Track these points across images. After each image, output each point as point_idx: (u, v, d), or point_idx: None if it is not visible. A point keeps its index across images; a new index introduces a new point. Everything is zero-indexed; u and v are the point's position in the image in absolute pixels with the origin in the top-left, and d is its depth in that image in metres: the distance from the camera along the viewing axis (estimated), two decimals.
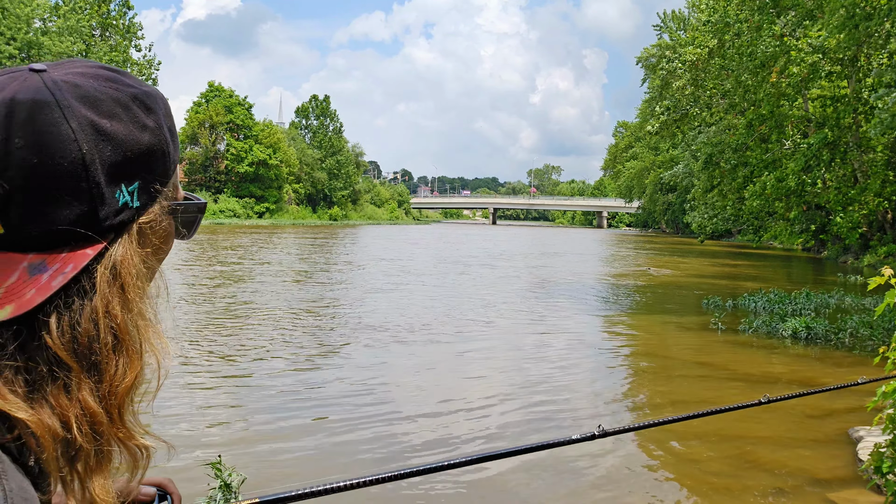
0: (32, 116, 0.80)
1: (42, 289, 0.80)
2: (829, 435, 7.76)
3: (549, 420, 8.14)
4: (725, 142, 31.51)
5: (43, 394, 0.82)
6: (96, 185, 0.83)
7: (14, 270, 0.81)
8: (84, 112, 0.83)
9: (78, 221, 0.83)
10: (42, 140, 0.80)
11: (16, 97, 0.81)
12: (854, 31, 21.88)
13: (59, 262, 0.83)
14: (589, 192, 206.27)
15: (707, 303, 18.51)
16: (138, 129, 0.87)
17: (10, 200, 0.80)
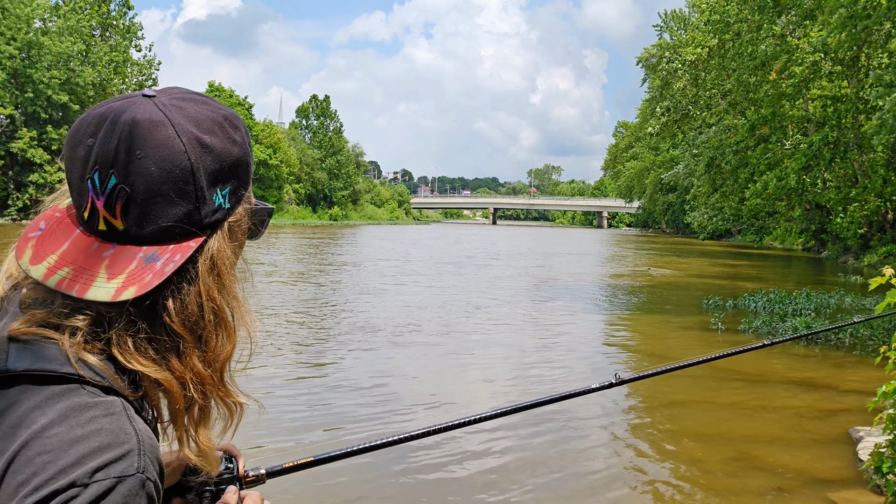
0: (151, 133, 0.99)
1: (157, 274, 0.99)
2: (830, 435, 7.75)
3: (550, 420, 8.13)
4: (726, 143, 31.49)
5: (166, 359, 1.03)
6: (200, 190, 1.02)
7: (133, 259, 0.99)
8: (191, 129, 1.01)
9: (184, 219, 1.01)
10: (159, 152, 0.98)
11: (136, 117, 0.99)
12: (854, 30, 21.86)
13: (169, 252, 1.01)
14: (589, 192, 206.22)
15: (707, 303, 18.49)
16: (230, 144, 1.06)
17: (131, 202, 0.98)
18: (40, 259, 1.00)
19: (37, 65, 58.19)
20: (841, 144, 26.83)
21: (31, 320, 0.99)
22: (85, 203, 1.00)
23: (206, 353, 1.07)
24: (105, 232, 1.00)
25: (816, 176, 27.27)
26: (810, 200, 28.51)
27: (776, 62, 26.78)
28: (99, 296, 0.96)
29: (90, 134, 1.00)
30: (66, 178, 1.05)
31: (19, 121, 58.80)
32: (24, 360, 0.94)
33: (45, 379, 0.93)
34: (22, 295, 1.03)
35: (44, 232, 1.05)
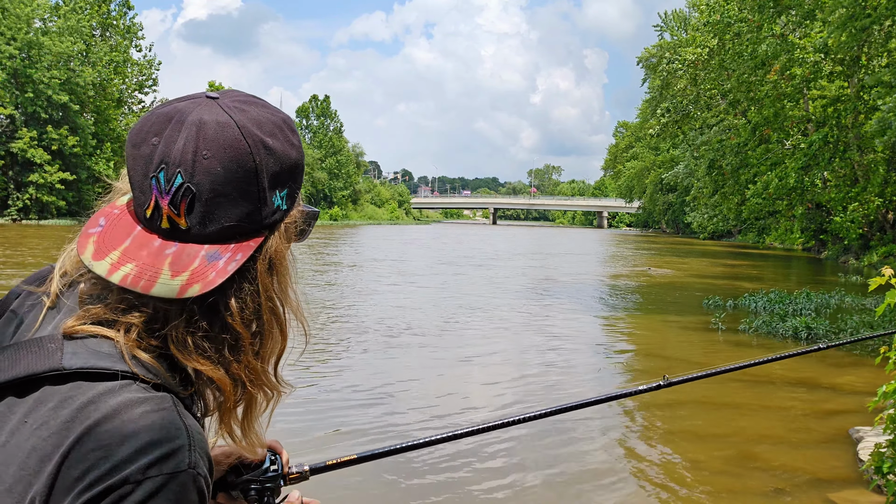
0: (218, 134, 1.01)
1: (220, 272, 1.01)
2: (830, 435, 7.75)
3: (550, 420, 8.12)
4: (727, 144, 31.48)
5: (221, 356, 1.05)
6: (262, 190, 1.04)
7: (195, 258, 1.01)
8: (255, 131, 1.03)
9: (245, 219, 1.04)
10: (226, 153, 1.01)
11: (202, 118, 1.01)
12: (854, 30, 21.84)
13: (230, 251, 1.03)
14: (589, 192, 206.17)
15: (707, 303, 18.48)
16: (289, 147, 1.09)
17: (196, 201, 1.00)
18: (103, 255, 1.02)
19: (37, 65, 58.18)
20: (841, 144, 26.81)
21: (85, 317, 1.01)
22: (148, 201, 1.02)
23: (262, 350, 1.10)
24: (167, 230, 1.02)
25: (816, 175, 27.25)
26: (811, 200, 28.48)
27: (776, 62, 26.77)
28: (164, 292, 0.98)
29: (155, 132, 1.02)
30: (128, 175, 1.06)
31: (19, 121, 58.79)
32: (79, 357, 0.97)
33: (99, 376, 0.96)
34: (80, 290, 1.05)
35: (104, 228, 1.06)
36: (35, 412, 0.94)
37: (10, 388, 0.97)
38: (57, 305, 1.06)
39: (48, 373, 0.96)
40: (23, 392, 0.96)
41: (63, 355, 0.97)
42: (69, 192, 61.27)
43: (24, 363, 0.98)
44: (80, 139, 61.02)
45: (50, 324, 1.05)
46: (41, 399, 0.95)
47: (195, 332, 1.03)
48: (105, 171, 63.45)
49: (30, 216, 59.31)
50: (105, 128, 66.30)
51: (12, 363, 0.98)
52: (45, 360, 0.97)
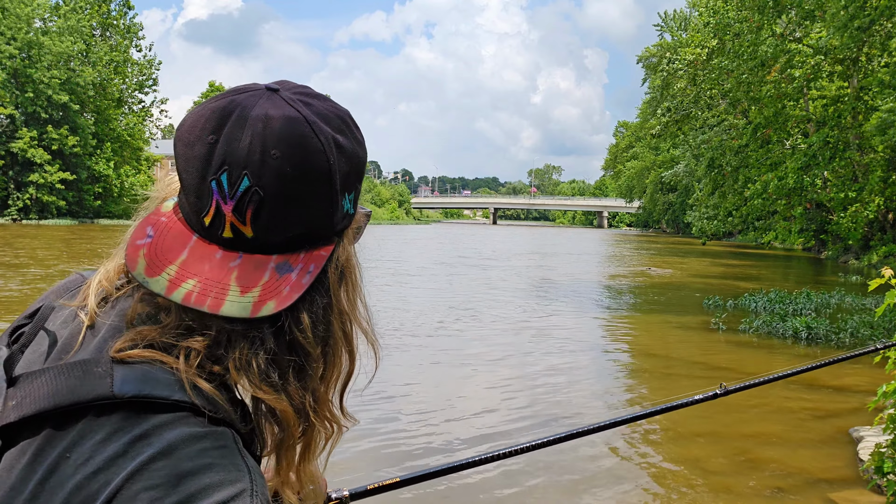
0: (287, 131, 0.89)
1: (295, 286, 0.91)
2: (830, 435, 7.74)
3: (550, 420, 8.12)
4: (727, 144, 31.49)
5: (286, 384, 0.94)
6: (335, 193, 0.93)
7: (265, 270, 0.90)
8: (325, 127, 0.92)
9: (317, 226, 0.93)
10: (297, 152, 0.89)
11: (269, 113, 0.89)
12: (855, 31, 21.86)
13: (301, 262, 0.93)
14: (589, 192, 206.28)
15: (708, 303, 18.46)
16: (357, 145, 0.98)
17: (263, 206, 0.88)
18: (158, 270, 0.90)
19: (37, 64, 58.28)
20: (840, 144, 26.81)
21: (137, 339, 0.89)
22: (207, 207, 0.90)
23: (326, 374, 0.99)
24: (230, 239, 0.91)
25: (816, 175, 27.25)
26: (810, 200, 28.49)
27: (776, 62, 26.77)
28: (235, 311, 0.87)
29: (211, 130, 0.89)
30: (181, 179, 0.93)
31: (19, 121, 58.88)
32: (131, 384, 0.84)
33: (153, 406, 0.84)
34: (129, 310, 0.93)
35: (154, 239, 0.94)
36: (79, 445, 0.82)
37: (49, 419, 0.84)
38: (96, 324, 0.94)
39: (96, 401, 0.83)
40: (63, 423, 0.84)
41: (113, 382, 0.84)
42: (69, 191, 61.36)
43: (68, 389, 0.84)
44: (80, 139, 61.12)
45: (90, 344, 0.92)
46: (86, 431, 0.82)
47: (259, 355, 0.92)
48: (105, 170, 63.63)
49: (30, 216, 59.36)
50: (105, 128, 66.39)
51: (53, 390, 0.85)
52: (92, 386, 0.84)
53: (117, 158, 67.14)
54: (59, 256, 26.91)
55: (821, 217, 34.02)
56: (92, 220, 62.99)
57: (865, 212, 26.40)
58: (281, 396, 0.93)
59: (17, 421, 0.85)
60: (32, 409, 0.85)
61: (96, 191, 64.39)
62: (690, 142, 42.11)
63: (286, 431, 0.97)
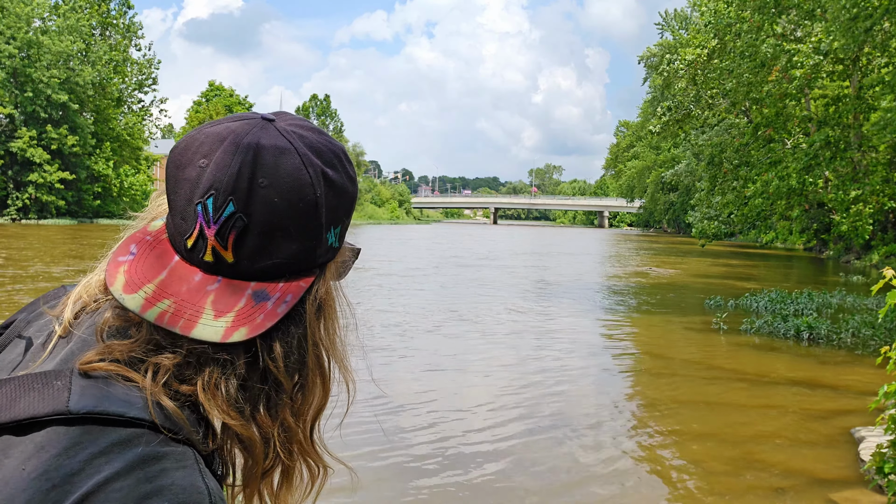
0: (277, 161, 0.89)
1: (269, 315, 0.90)
2: (831, 435, 7.74)
3: (550, 420, 8.11)
4: (727, 142, 31.45)
5: (254, 410, 0.94)
6: (320, 226, 0.93)
7: (241, 296, 0.90)
8: (315, 160, 0.93)
9: (298, 256, 0.93)
10: (285, 182, 0.89)
11: (260, 142, 0.90)
12: (857, 31, 21.82)
13: (279, 291, 0.92)
14: (590, 191, 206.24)
15: (709, 303, 18.47)
16: (347, 180, 0.98)
17: (246, 233, 0.89)
18: (136, 288, 0.90)
19: (36, 64, 58.30)
20: (842, 143, 26.77)
21: (105, 353, 0.89)
22: (190, 230, 0.90)
23: (301, 405, 0.99)
24: (210, 263, 0.91)
25: (818, 175, 27.22)
26: (811, 200, 28.46)
27: (776, 62, 26.74)
28: (206, 335, 0.87)
29: (203, 154, 0.90)
30: (168, 199, 0.94)
31: (19, 120, 58.88)
32: (88, 399, 0.83)
33: (112, 422, 0.82)
34: (100, 322, 0.92)
35: (136, 257, 0.94)
36: (35, 458, 0.79)
37: (7, 429, 0.82)
38: (69, 335, 0.93)
39: (52, 416, 0.82)
40: (22, 433, 0.82)
41: (70, 396, 0.83)
42: (68, 191, 61.38)
43: (25, 402, 0.84)
44: (79, 138, 61.12)
45: (59, 355, 0.91)
46: (44, 444, 0.80)
47: (229, 380, 0.91)
48: (104, 170, 63.67)
49: (29, 216, 59.39)
50: (104, 127, 66.40)
51: (11, 401, 0.84)
52: (49, 400, 0.83)
53: (116, 158, 67.13)
54: (40, 257, 26.89)
55: (822, 216, 34.01)
56: (91, 219, 62.99)
57: (869, 210, 26.35)
58: (248, 424, 0.93)
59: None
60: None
61: (95, 190, 64.38)
62: (692, 141, 42.09)
63: (253, 460, 0.96)
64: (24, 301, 14.72)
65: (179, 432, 0.85)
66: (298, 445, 1.00)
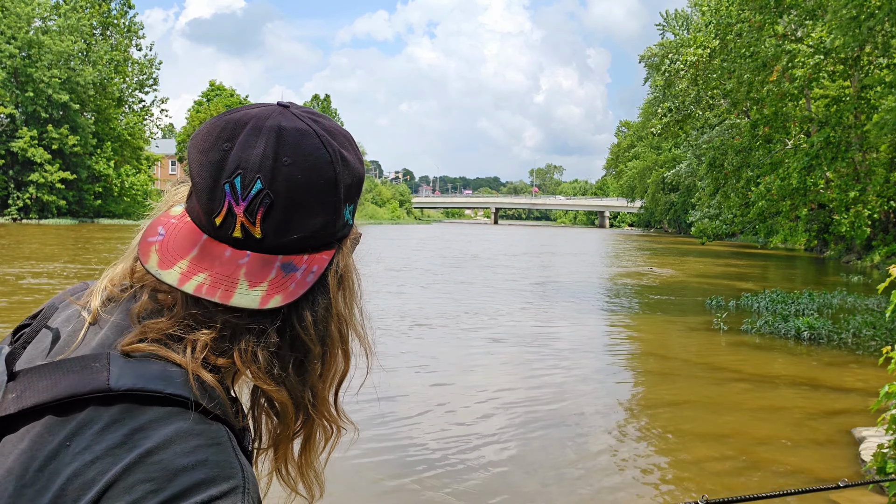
0: (298, 141, 0.96)
1: (300, 283, 0.96)
2: (832, 435, 7.75)
3: (551, 420, 8.12)
4: (728, 143, 31.44)
5: (286, 376, 1.00)
6: (339, 202, 1.01)
7: (271, 268, 0.96)
8: (332, 141, 1.00)
9: (320, 230, 0.99)
10: (307, 161, 0.96)
11: (282, 124, 0.97)
12: (858, 31, 21.82)
13: (305, 263, 0.99)
14: (591, 191, 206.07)
15: (710, 303, 18.48)
16: (358, 161, 1.05)
17: (272, 209, 0.95)
18: (170, 264, 0.96)
19: (37, 64, 58.34)
20: (843, 144, 26.76)
21: (145, 333, 0.94)
22: (218, 208, 0.96)
23: (327, 371, 1.04)
24: (239, 239, 0.96)
25: (819, 175, 27.21)
26: (812, 200, 28.44)
27: (777, 63, 26.74)
28: (244, 302, 0.93)
29: (226, 138, 0.96)
30: (193, 183, 0.99)
31: (20, 120, 58.95)
32: (127, 377, 0.88)
33: (150, 399, 0.88)
34: (136, 307, 0.98)
35: (165, 237, 1.00)
36: (79, 435, 0.85)
37: (50, 409, 0.88)
38: (98, 321, 0.98)
39: (93, 394, 0.87)
40: (64, 412, 0.88)
41: (110, 375, 0.89)
42: (69, 191, 61.43)
43: (66, 383, 0.89)
44: (80, 138, 61.18)
45: (93, 341, 0.96)
46: (86, 421, 0.86)
47: (264, 349, 0.97)
48: (105, 170, 63.70)
49: (30, 215, 59.44)
50: (105, 127, 66.46)
51: (52, 382, 0.90)
52: (89, 379, 0.88)
53: (117, 158, 67.15)
54: (29, 256, 26.91)
55: (823, 217, 33.98)
56: (92, 219, 63.01)
57: (868, 212, 26.35)
58: (281, 389, 0.99)
59: (16, 412, 0.89)
60: (31, 401, 0.89)
61: (96, 190, 64.39)
62: (692, 142, 42.07)
63: (284, 423, 1.02)
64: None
65: (215, 407, 0.90)
66: (323, 408, 1.06)
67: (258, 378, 0.97)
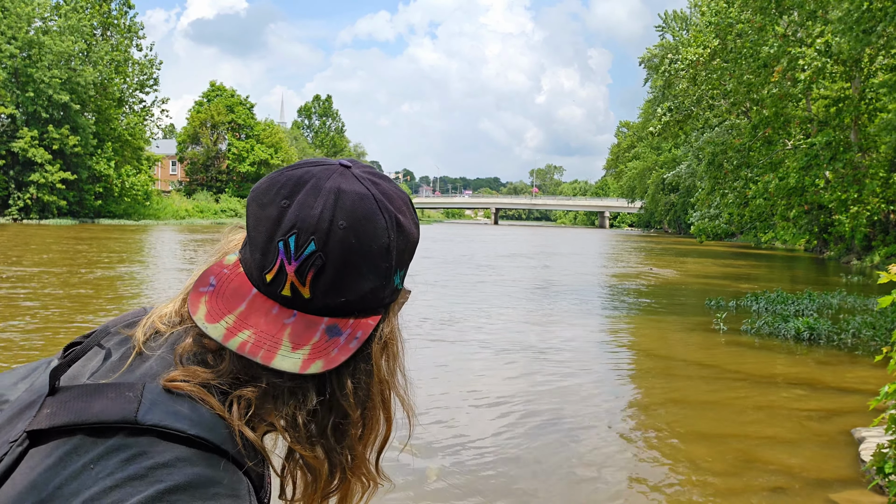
0: (356, 205, 0.96)
1: (343, 350, 0.96)
2: (832, 435, 7.75)
3: (550, 419, 8.14)
4: (728, 143, 31.50)
5: (324, 439, 1.01)
6: (390, 268, 1.00)
7: (316, 331, 0.96)
8: (389, 206, 0.99)
9: (368, 296, 0.99)
10: (362, 226, 0.96)
11: (341, 187, 0.97)
12: (861, 33, 21.86)
13: (350, 327, 0.98)
14: (591, 192, 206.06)
15: (710, 303, 18.49)
16: (413, 225, 1.05)
17: (323, 270, 0.95)
18: (218, 318, 0.96)
19: (38, 64, 58.35)
20: (842, 144, 26.82)
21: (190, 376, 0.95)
22: (270, 265, 0.96)
23: (367, 434, 1.05)
24: (288, 297, 0.97)
25: (817, 175, 27.27)
26: (810, 202, 28.48)
27: (778, 63, 26.78)
28: (285, 366, 0.93)
29: (285, 195, 0.97)
30: (249, 237, 1.01)
31: (20, 120, 58.96)
32: (155, 413, 0.89)
33: (175, 437, 0.88)
34: (180, 346, 0.98)
35: (216, 289, 1.00)
36: (105, 460, 0.85)
37: (82, 430, 0.89)
38: (143, 352, 0.99)
39: (120, 423, 0.88)
40: (95, 435, 0.88)
41: (140, 407, 0.89)
42: (70, 191, 61.47)
43: (98, 407, 0.90)
44: (80, 139, 61.21)
45: (138, 369, 0.97)
46: (113, 448, 0.86)
47: (302, 412, 0.98)
48: (106, 170, 63.76)
49: (31, 216, 59.48)
50: (106, 127, 66.48)
51: (86, 405, 0.91)
52: (120, 408, 0.89)
53: (118, 158, 67.15)
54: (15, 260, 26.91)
55: (823, 216, 34.02)
56: (92, 219, 63.03)
57: (867, 212, 26.40)
58: (318, 451, 1.00)
59: (46, 428, 0.90)
60: (62, 420, 0.90)
61: (97, 190, 64.41)
62: (693, 142, 42.09)
63: (317, 483, 1.03)
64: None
65: (242, 458, 0.91)
66: (362, 470, 1.06)
67: (295, 442, 0.98)
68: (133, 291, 18.34)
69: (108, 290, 17.98)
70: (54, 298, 15.65)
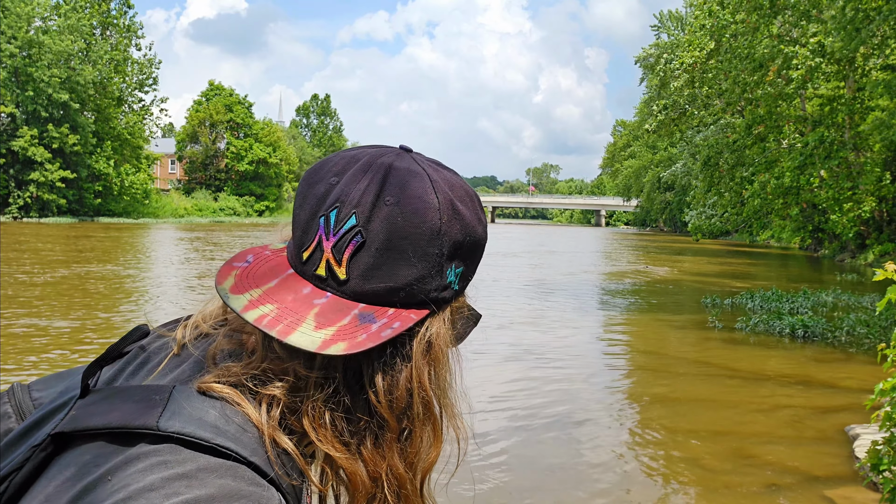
0: (406, 182, 0.88)
1: (372, 336, 0.85)
2: (826, 432, 7.79)
3: (549, 418, 8.21)
4: (723, 142, 31.59)
5: (361, 445, 0.90)
6: (440, 256, 0.90)
7: (346, 314, 0.86)
8: (445, 189, 0.91)
9: (412, 284, 0.88)
10: (411, 203, 0.87)
11: (393, 164, 0.90)
12: (855, 33, 21.97)
13: (387, 317, 0.88)
14: (587, 190, 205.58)
15: (705, 301, 18.54)
16: (476, 221, 0.96)
17: (363, 249, 0.86)
18: (243, 290, 0.89)
19: (37, 63, 58.28)
20: (836, 144, 26.92)
21: (223, 376, 0.88)
22: (308, 242, 0.89)
23: (409, 451, 0.93)
24: (322, 278, 0.89)
25: (811, 174, 27.35)
26: (805, 200, 28.58)
27: (773, 63, 26.85)
28: (302, 342, 0.83)
29: (335, 173, 0.91)
30: (294, 216, 0.94)
31: (20, 119, 58.89)
32: (177, 420, 0.81)
33: (198, 446, 0.80)
34: (213, 346, 0.92)
35: (251, 265, 0.94)
36: (122, 471, 0.78)
37: (104, 436, 0.82)
38: (182, 354, 0.94)
39: (141, 430, 0.81)
40: (116, 441, 0.82)
41: (163, 412, 0.82)
42: (70, 190, 61.42)
43: (122, 411, 0.83)
44: (80, 137, 61.16)
45: (171, 372, 0.91)
46: (133, 457, 0.79)
47: (334, 410, 0.89)
48: (105, 169, 63.67)
49: (30, 214, 59.45)
50: (105, 126, 66.38)
51: (110, 408, 0.85)
52: (143, 413, 0.82)
53: (117, 157, 67.08)
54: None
55: (817, 215, 34.14)
56: (92, 218, 62.96)
57: (859, 211, 26.53)
58: (354, 458, 0.90)
59: (69, 432, 0.84)
60: (84, 424, 0.84)
61: (96, 189, 64.35)
62: (688, 140, 42.15)
63: (353, 496, 0.92)
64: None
65: (271, 469, 0.82)
66: (409, 495, 0.95)
67: (325, 441, 0.88)
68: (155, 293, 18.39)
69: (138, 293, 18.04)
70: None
